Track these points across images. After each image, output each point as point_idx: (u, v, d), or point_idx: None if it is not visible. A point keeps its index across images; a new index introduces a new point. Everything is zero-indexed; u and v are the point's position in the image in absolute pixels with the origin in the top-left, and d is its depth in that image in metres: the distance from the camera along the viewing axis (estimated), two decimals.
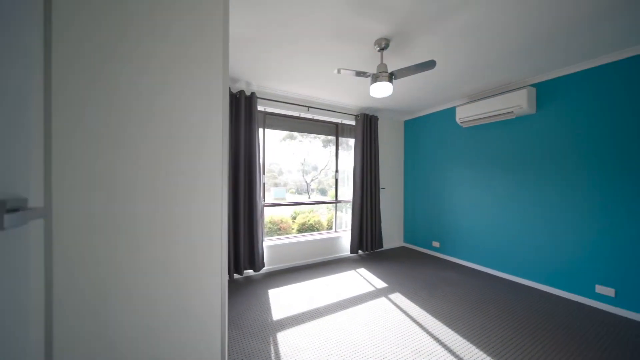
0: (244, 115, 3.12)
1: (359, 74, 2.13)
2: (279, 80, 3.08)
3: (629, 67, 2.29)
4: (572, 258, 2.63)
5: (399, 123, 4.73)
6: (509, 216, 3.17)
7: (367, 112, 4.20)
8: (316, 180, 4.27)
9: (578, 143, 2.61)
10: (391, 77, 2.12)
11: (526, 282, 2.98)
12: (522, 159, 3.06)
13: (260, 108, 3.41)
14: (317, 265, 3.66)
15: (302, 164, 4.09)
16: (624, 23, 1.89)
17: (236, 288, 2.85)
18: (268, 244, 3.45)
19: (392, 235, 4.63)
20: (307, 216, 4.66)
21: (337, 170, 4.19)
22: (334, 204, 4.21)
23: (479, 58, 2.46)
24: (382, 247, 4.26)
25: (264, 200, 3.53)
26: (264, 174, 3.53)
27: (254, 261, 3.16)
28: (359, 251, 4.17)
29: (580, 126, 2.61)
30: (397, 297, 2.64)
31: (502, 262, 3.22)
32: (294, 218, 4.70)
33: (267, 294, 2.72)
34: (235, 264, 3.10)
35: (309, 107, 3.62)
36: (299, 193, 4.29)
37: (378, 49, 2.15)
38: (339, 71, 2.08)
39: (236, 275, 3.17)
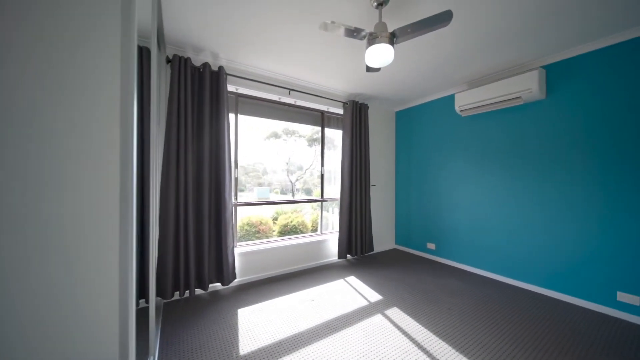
0: (210, 94, 2.54)
1: (352, 32, 1.65)
2: (255, 53, 2.54)
3: None
4: (590, 263, 2.32)
5: (390, 114, 4.33)
6: (515, 216, 2.84)
7: (356, 99, 3.74)
8: (301, 180, 3.89)
9: (596, 131, 2.30)
10: (392, 38, 1.65)
11: (537, 289, 2.65)
12: (530, 150, 2.73)
13: (231, 88, 2.84)
14: (300, 274, 3.15)
15: (287, 164, 3.67)
16: None
17: (196, 309, 2.28)
18: (241, 250, 2.89)
19: (383, 236, 4.22)
20: (290, 217, 4.14)
21: (322, 164, 3.70)
22: (319, 203, 3.71)
23: (483, 32, 2.07)
24: (372, 250, 3.83)
25: (236, 199, 2.96)
26: (236, 167, 2.97)
27: (222, 272, 2.59)
28: (348, 256, 3.71)
29: (597, 112, 2.30)
30: (396, 313, 2.19)
31: (508, 266, 2.88)
32: (276, 219, 4.17)
33: (236, 315, 2.17)
34: (198, 276, 2.51)
35: (290, 89, 3.10)
36: (284, 193, 3.86)
37: (375, 4, 1.68)
38: (325, 27, 1.59)
39: (199, 291, 2.59)
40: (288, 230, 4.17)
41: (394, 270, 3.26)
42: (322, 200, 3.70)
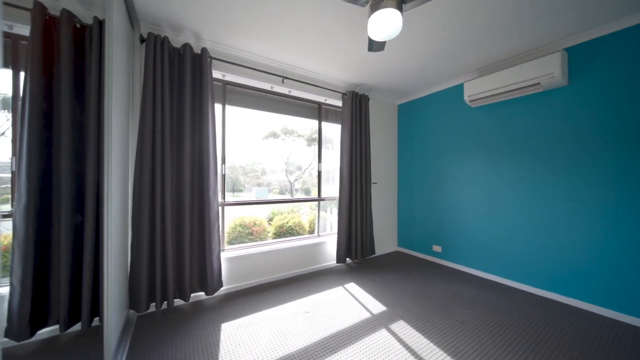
0: (191, 80, 2.25)
1: None
2: (244, 34, 2.25)
3: None
4: (627, 272, 2.04)
5: (392, 107, 4.05)
6: (534, 217, 2.56)
7: (356, 90, 3.46)
8: (300, 180, 3.68)
9: (627, 121, 2.03)
10: (401, 2, 1.37)
11: (560, 297, 2.38)
12: (548, 144, 2.45)
13: (217, 74, 2.56)
14: (294, 280, 2.86)
15: (286, 164, 3.46)
16: None
17: (174, 323, 1.99)
18: (229, 255, 2.60)
19: (385, 238, 3.94)
20: (286, 217, 3.86)
21: (319, 160, 3.42)
22: (317, 203, 3.43)
23: (499, 9, 1.79)
24: (374, 253, 3.55)
25: (223, 198, 2.68)
26: (223, 163, 2.68)
27: (206, 280, 2.30)
28: (347, 259, 3.43)
29: (627, 99, 2.03)
30: (402, 328, 1.91)
31: (528, 273, 2.60)
32: (271, 220, 3.90)
33: (219, 331, 1.88)
34: (178, 285, 2.23)
35: (284, 77, 2.81)
36: (282, 193, 3.64)
37: None
38: None
39: (179, 302, 2.30)
40: (284, 232, 3.90)
41: (398, 275, 2.98)
42: (319, 199, 3.42)
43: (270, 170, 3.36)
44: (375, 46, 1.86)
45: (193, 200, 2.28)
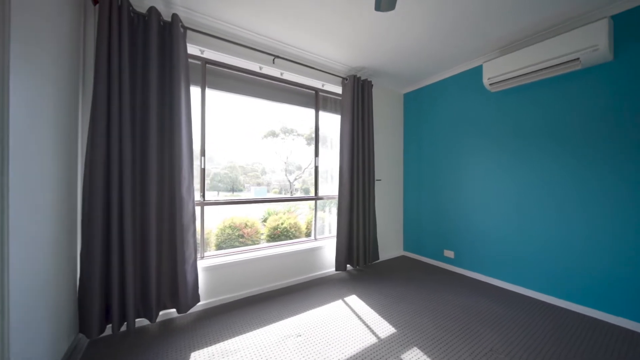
0: (158, 54, 1.85)
1: None
2: (228, 1, 1.86)
3: None
4: None
5: (397, 97, 3.65)
6: (571, 220, 2.17)
7: (358, 74, 3.06)
8: (300, 180, 3.39)
9: None
10: None
11: (612, 318, 1.99)
12: (591, 133, 2.06)
13: (193, 50, 2.16)
14: (287, 291, 2.47)
15: (285, 163, 3.23)
16: None
17: (134, 349, 1.60)
18: (209, 263, 2.21)
19: (389, 241, 3.54)
20: (281, 218, 3.47)
21: (316, 155, 3.02)
22: (314, 202, 3.04)
23: None
24: (377, 259, 3.16)
25: (202, 197, 2.28)
26: (203, 155, 2.29)
27: (178, 294, 1.91)
28: (348, 266, 3.04)
29: None
30: (419, 359, 1.52)
31: (562, 285, 2.20)
32: (265, 220, 3.52)
33: None
34: (143, 301, 1.83)
35: (275, 56, 2.42)
36: (282, 193, 3.38)
37: None
38: None
39: (142, 323, 1.90)
40: (278, 234, 3.52)
41: (406, 285, 2.59)
42: (316, 198, 3.02)
43: (270, 170, 3.17)
44: (384, 3, 1.46)
45: (161, 200, 1.89)
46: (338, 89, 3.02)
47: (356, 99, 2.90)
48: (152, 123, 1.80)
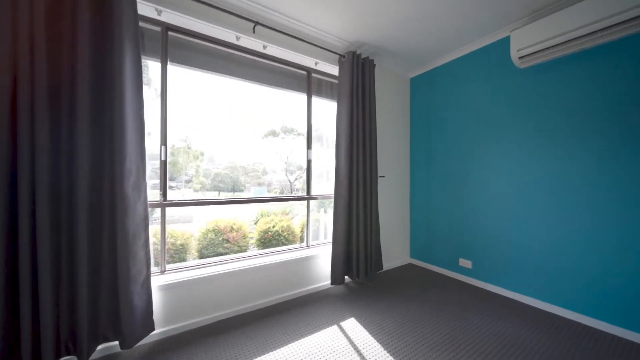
0: (90, 10, 1.40)
1: None
2: None
3: None
4: None
5: (403, 81, 3.19)
6: (623, 228, 1.70)
7: (358, 51, 2.60)
8: (301, 180, 3.05)
9: None
10: None
11: None
12: None
13: (148, 10, 1.70)
14: (270, 313, 2.01)
15: (286, 163, 3.00)
16: None
17: None
18: (169, 279, 1.75)
19: (393, 247, 3.08)
20: (273, 220, 3.02)
21: (309, 147, 2.57)
22: (305, 202, 2.58)
23: None
24: (381, 268, 2.69)
25: (163, 196, 1.83)
26: (164, 145, 1.83)
27: (120, 323, 1.45)
28: (346, 278, 2.57)
29: None
30: None
31: (616, 307, 1.73)
32: (257, 223, 3.09)
33: None
34: (72, 335, 1.37)
35: (256, 23, 1.96)
36: (283, 193, 3.06)
37: None
38: None
39: None
40: (269, 239, 3.07)
41: (417, 303, 2.13)
42: (308, 197, 2.56)
43: (271, 170, 3.00)
44: None
45: (99, 200, 1.43)
46: (334, 70, 2.56)
47: (356, 80, 2.44)
48: (83, 103, 1.35)
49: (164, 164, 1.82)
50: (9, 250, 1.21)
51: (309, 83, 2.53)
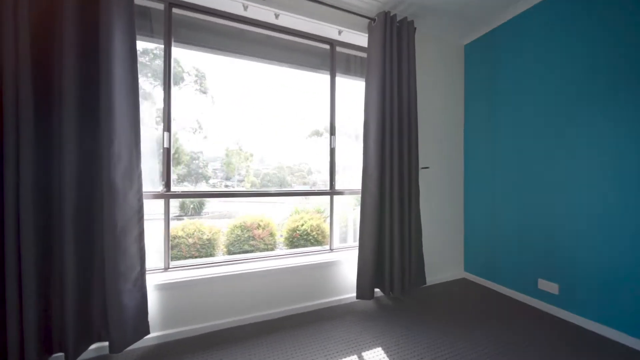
0: None
1: None
2: None
3: None
4: None
5: (455, 50, 2.55)
6: None
7: (393, 11, 2.10)
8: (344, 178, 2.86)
9: None
10: None
11: None
12: None
13: None
14: (277, 327, 1.71)
15: (330, 163, 2.69)
16: None
17: None
18: (172, 278, 1.59)
19: (441, 257, 2.47)
20: (303, 218, 2.77)
21: (332, 133, 2.19)
22: (329, 196, 2.21)
23: None
24: (424, 283, 2.15)
25: (165, 187, 1.68)
26: (167, 131, 1.69)
27: (108, 324, 1.32)
28: (377, 291, 2.11)
29: None
30: None
31: None
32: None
33: None
34: (60, 333, 1.28)
35: None
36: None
37: None
38: None
39: None
40: (297, 238, 2.82)
41: (475, 335, 1.56)
42: (331, 192, 2.18)
43: (316, 170, 2.85)
44: None
45: (87, 188, 1.32)
46: (363, 40, 2.12)
47: (389, 49, 1.96)
48: (70, 87, 1.24)
49: (167, 152, 1.68)
50: None
51: (332, 58, 2.15)
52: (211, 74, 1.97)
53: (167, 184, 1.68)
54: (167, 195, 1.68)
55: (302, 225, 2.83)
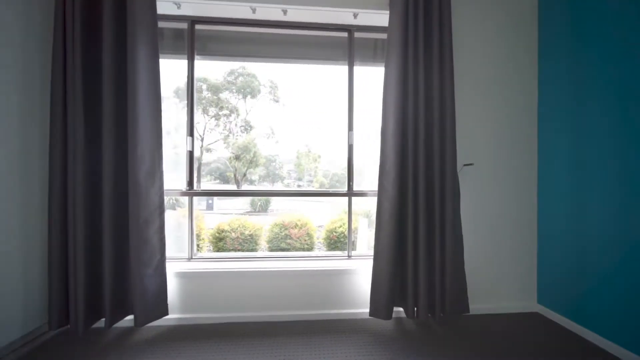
0: (112, 18, 1.53)
1: None
2: None
3: None
4: None
5: (524, 4, 1.92)
6: None
7: None
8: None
9: None
10: None
11: None
12: None
13: (169, 7, 1.77)
14: (284, 331, 1.65)
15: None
16: None
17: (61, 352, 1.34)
18: (191, 267, 1.77)
19: (503, 280, 1.90)
20: (342, 219, 2.72)
21: (350, 128, 1.98)
22: (346, 198, 2.02)
23: None
24: (465, 310, 1.69)
25: (189, 185, 1.88)
26: (190, 135, 1.88)
27: (133, 301, 1.55)
28: (399, 310, 1.78)
29: None
30: None
31: None
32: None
33: None
34: (98, 303, 1.58)
35: None
36: None
37: None
38: None
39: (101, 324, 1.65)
40: (335, 240, 2.79)
41: None
42: (349, 193, 1.99)
43: (365, 169, 2.80)
44: None
45: (119, 186, 1.59)
46: (384, 19, 1.84)
47: (413, 21, 1.64)
48: (106, 98, 1.53)
49: (190, 155, 1.87)
50: (62, 228, 1.52)
51: (350, 46, 1.96)
52: (282, 83, 2.24)
53: (190, 183, 1.87)
54: (189, 193, 1.87)
55: (340, 227, 2.72)
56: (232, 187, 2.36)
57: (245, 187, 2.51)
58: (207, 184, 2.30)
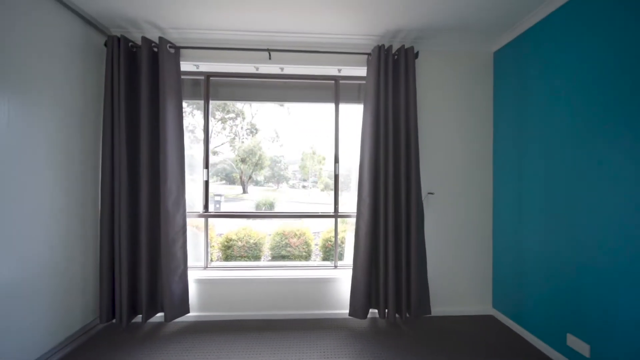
0: (148, 77, 1.98)
1: None
2: (206, 5, 1.79)
3: None
4: None
5: (481, 59, 2.29)
6: None
7: (388, 43, 2.14)
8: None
9: None
10: None
11: None
12: None
13: (187, 66, 2.21)
14: (281, 327, 2.07)
15: None
16: None
17: (112, 343, 1.79)
18: (206, 275, 2.21)
19: (465, 288, 2.28)
20: (339, 228, 3.10)
21: (336, 160, 2.39)
22: (333, 219, 2.43)
23: None
24: (427, 312, 2.08)
25: (205, 209, 2.32)
26: (206, 168, 2.32)
27: (156, 304, 2.01)
28: (374, 312, 2.19)
29: None
30: None
31: None
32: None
33: None
34: (136, 301, 2.03)
35: (269, 50, 2.09)
36: None
37: None
38: None
39: (138, 319, 2.10)
40: (329, 248, 3.18)
41: None
42: (335, 215, 2.40)
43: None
44: None
45: (152, 212, 2.03)
46: (360, 70, 2.25)
47: (383, 77, 2.04)
48: (143, 139, 1.96)
49: (206, 184, 2.31)
50: (110, 239, 1.97)
51: (336, 93, 2.37)
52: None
53: (206, 206, 2.31)
54: (205, 215, 2.31)
55: (333, 238, 3.11)
56: (238, 197, 2.78)
57: (250, 187, 2.84)
58: (213, 184, 2.51)
